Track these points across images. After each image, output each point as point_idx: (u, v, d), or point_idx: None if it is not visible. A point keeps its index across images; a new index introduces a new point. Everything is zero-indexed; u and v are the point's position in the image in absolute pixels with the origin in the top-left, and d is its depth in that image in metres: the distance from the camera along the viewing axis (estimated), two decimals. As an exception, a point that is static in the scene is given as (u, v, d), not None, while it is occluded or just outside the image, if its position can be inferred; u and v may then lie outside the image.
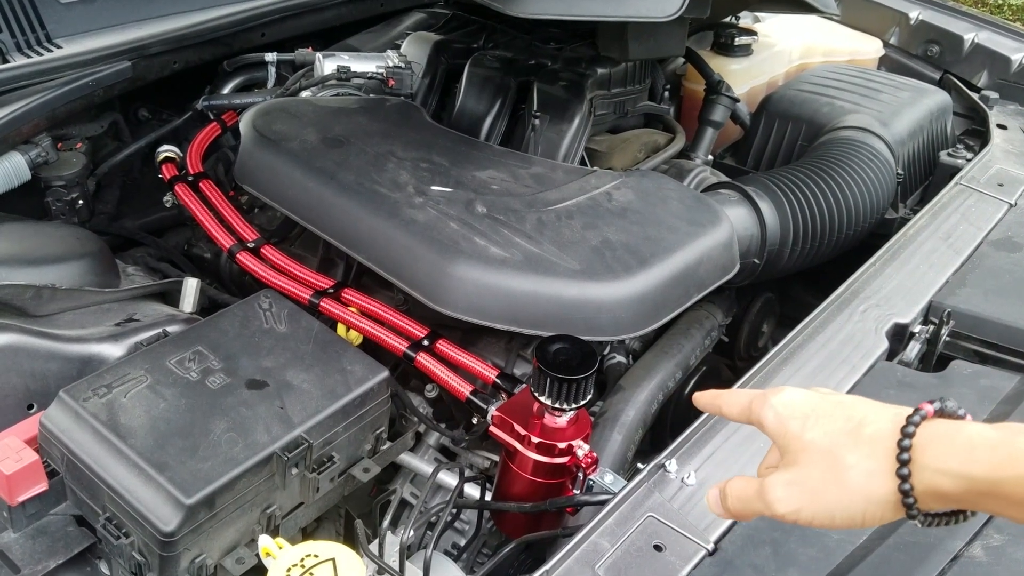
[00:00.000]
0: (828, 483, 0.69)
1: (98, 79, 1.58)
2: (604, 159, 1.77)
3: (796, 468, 0.71)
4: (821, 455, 0.70)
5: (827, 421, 0.71)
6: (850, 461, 0.68)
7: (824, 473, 0.70)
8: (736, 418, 0.81)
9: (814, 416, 0.72)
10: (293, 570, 0.84)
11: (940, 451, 0.65)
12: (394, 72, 1.71)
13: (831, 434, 0.70)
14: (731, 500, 0.77)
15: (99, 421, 1.03)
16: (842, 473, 0.69)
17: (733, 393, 0.82)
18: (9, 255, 1.30)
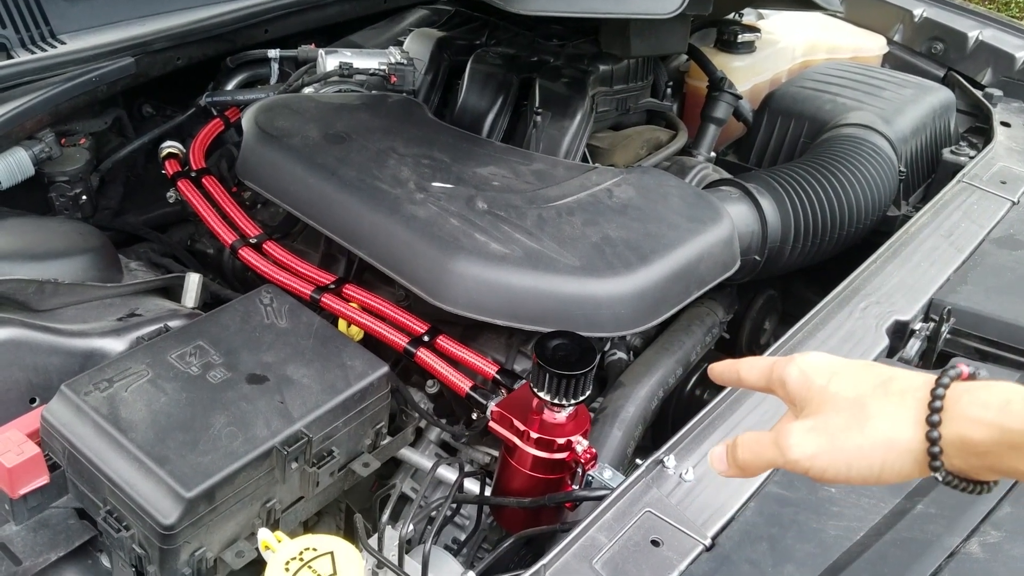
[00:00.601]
0: (850, 429, 0.67)
1: (102, 75, 1.58)
2: (606, 156, 1.77)
3: (817, 415, 0.70)
4: (846, 403, 0.69)
5: (855, 377, 0.70)
6: (875, 410, 0.67)
7: (847, 420, 0.68)
8: (755, 383, 0.78)
9: (842, 373, 0.71)
10: (292, 563, 0.84)
11: (975, 400, 0.64)
12: (396, 68, 1.72)
13: (858, 386, 0.69)
14: (741, 450, 0.75)
15: (100, 415, 1.03)
16: (866, 420, 0.67)
17: (752, 359, 0.80)
18: (12, 250, 1.30)
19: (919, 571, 0.91)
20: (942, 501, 1.00)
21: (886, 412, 0.67)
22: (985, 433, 0.63)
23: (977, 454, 0.64)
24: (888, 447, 0.66)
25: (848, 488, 1.03)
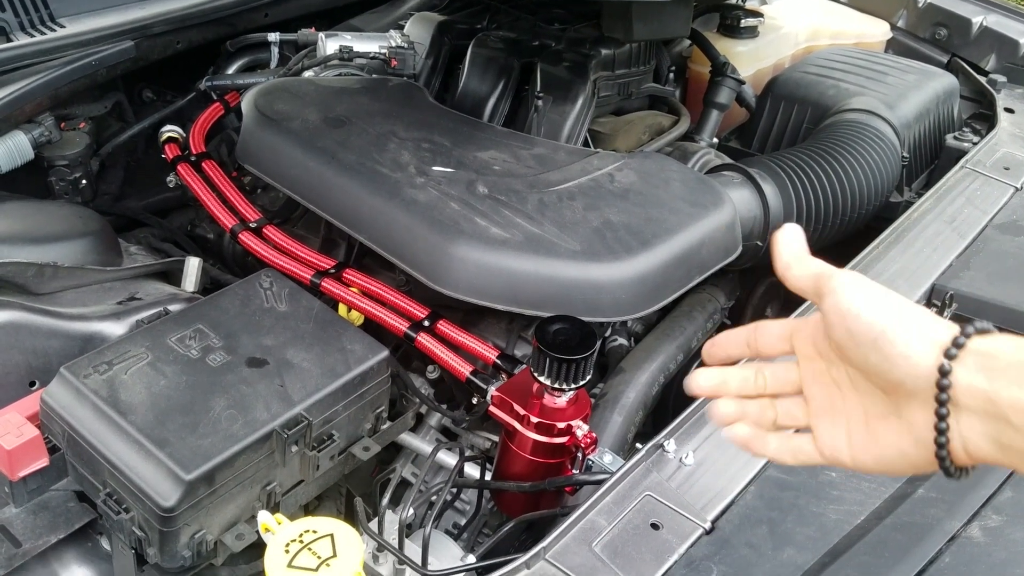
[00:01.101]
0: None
1: (101, 58, 1.58)
2: (608, 141, 1.76)
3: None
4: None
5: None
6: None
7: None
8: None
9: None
10: (292, 545, 0.84)
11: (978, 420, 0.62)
12: (397, 52, 1.71)
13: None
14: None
15: (100, 397, 1.03)
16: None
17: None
18: (11, 233, 1.30)
19: (920, 555, 0.91)
20: (943, 485, 1.00)
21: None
22: (986, 452, 0.62)
23: (992, 436, 0.62)
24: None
25: (848, 472, 1.03)
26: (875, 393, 0.68)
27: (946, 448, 0.63)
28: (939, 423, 0.62)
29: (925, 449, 0.64)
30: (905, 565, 0.91)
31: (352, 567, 0.82)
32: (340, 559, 0.83)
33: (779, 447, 0.75)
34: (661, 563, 0.92)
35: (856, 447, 0.69)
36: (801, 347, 0.73)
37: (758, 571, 0.91)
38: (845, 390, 0.70)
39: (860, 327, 0.65)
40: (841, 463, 0.71)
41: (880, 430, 0.68)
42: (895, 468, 0.68)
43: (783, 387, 0.75)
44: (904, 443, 0.66)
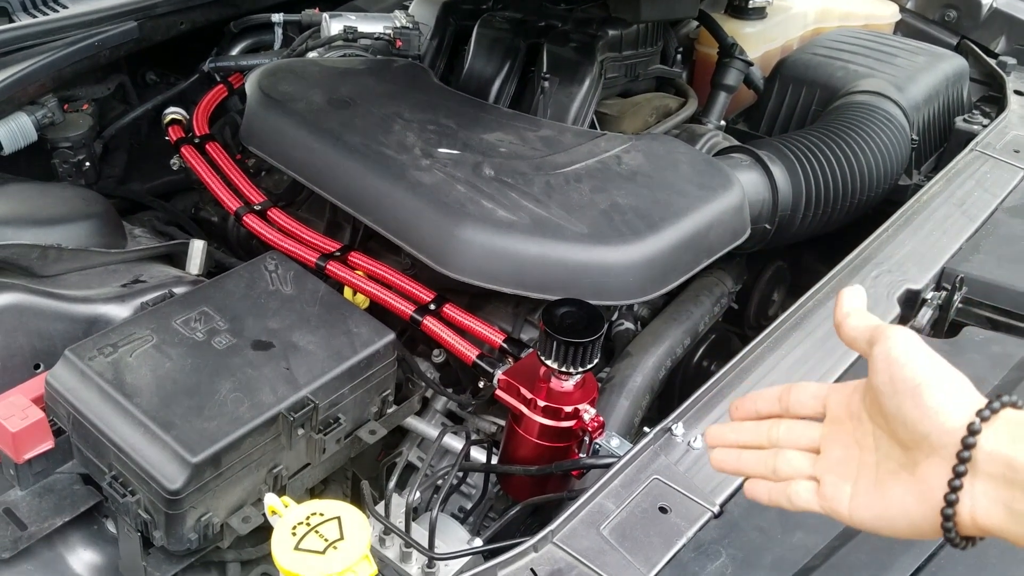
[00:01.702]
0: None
1: (104, 39, 1.57)
2: (615, 123, 1.75)
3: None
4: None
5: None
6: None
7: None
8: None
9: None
10: (299, 528, 0.84)
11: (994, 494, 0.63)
12: (401, 33, 1.69)
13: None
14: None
15: (105, 380, 1.03)
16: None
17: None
18: (15, 215, 1.29)
19: (927, 541, 0.91)
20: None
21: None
22: (994, 519, 0.63)
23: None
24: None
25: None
26: (894, 451, 0.69)
27: (954, 508, 0.64)
28: (953, 480, 0.63)
29: (931, 510, 0.65)
30: (916, 549, 0.90)
31: (360, 550, 0.82)
32: (347, 542, 0.82)
33: (778, 493, 0.77)
34: (670, 546, 0.91)
35: (857, 503, 0.71)
36: (833, 407, 0.75)
37: (767, 555, 0.91)
38: (864, 450, 0.72)
39: (904, 375, 0.67)
40: (837, 514, 0.72)
41: (889, 485, 0.69)
42: (893, 527, 0.69)
43: (796, 442, 0.77)
44: (910, 500, 0.67)
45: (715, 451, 0.83)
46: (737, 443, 0.81)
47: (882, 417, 0.69)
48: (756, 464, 0.79)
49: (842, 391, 0.75)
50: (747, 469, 0.80)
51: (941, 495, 0.64)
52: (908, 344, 0.69)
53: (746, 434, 0.81)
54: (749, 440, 0.81)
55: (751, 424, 0.81)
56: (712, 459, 0.83)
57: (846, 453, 0.73)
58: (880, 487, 0.69)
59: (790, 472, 0.77)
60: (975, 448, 0.62)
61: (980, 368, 1.16)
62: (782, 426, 0.79)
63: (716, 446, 0.83)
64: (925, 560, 0.89)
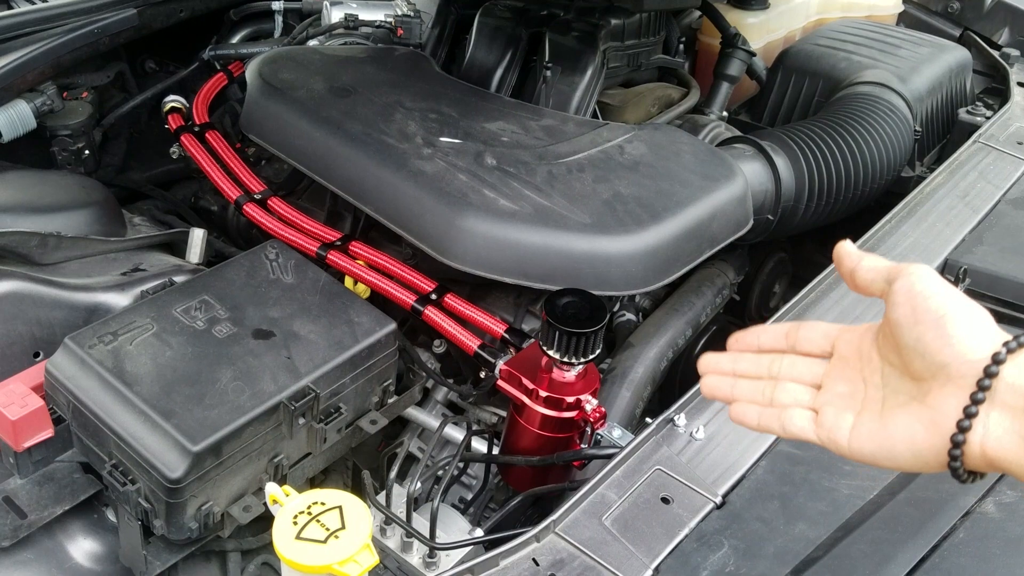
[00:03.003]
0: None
1: (104, 26, 1.56)
2: (617, 113, 1.74)
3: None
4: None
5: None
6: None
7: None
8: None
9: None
10: (300, 517, 0.83)
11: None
12: (403, 21, 1.69)
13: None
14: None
15: (105, 368, 1.02)
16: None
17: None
18: (14, 203, 1.29)
19: (934, 530, 0.90)
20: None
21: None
22: (1006, 447, 0.63)
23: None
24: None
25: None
26: (903, 384, 0.68)
27: (965, 435, 0.63)
28: (970, 407, 0.62)
29: (939, 438, 0.65)
30: (919, 540, 0.90)
31: (361, 539, 0.81)
32: (349, 531, 0.82)
33: (770, 418, 0.75)
34: (672, 537, 0.91)
35: (859, 432, 0.70)
36: (843, 347, 0.74)
37: (770, 545, 0.91)
38: (871, 387, 0.71)
39: (927, 306, 0.66)
40: (835, 444, 0.71)
41: (895, 417, 0.68)
42: (895, 457, 0.68)
43: (800, 377, 0.76)
44: (918, 429, 0.66)
45: (707, 377, 0.80)
46: (733, 372, 0.79)
47: (896, 353, 0.68)
48: (752, 392, 0.77)
49: (853, 331, 0.74)
50: (741, 397, 0.78)
51: (953, 423, 0.63)
52: (931, 278, 0.68)
53: (745, 365, 0.79)
54: (747, 371, 0.79)
55: (751, 356, 0.79)
56: (703, 385, 0.80)
57: (851, 388, 0.72)
58: (885, 418, 0.68)
59: (788, 401, 0.75)
60: (996, 378, 0.62)
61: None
62: (784, 361, 0.77)
63: (708, 373, 0.80)
64: (928, 551, 0.89)
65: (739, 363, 0.79)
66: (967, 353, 0.64)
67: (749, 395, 0.77)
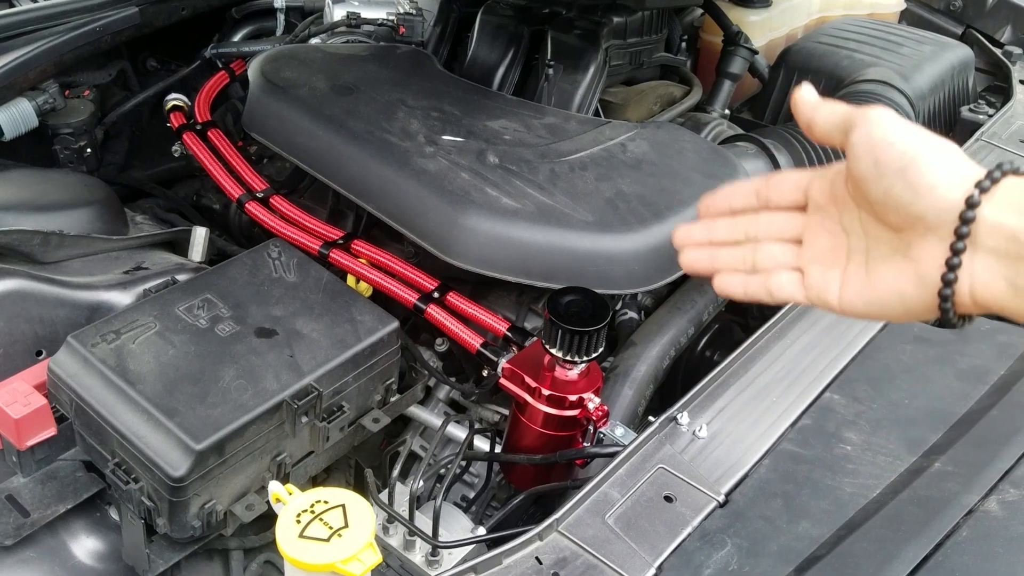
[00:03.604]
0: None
1: (105, 25, 1.56)
2: (619, 111, 1.74)
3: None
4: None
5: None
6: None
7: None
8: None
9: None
10: (303, 515, 0.83)
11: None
12: (405, 19, 1.68)
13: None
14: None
15: (108, 366, 1.02)
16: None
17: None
18: (16, 201, 1.28)
19: (937, 529, 0.90)
20: (960, 459, 0.99)
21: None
22: (995, 293, 0.60)
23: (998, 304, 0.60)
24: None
25: (864, 446, 1.02)
26: (884, 235, 0.65)
27: (952, 287, 0.60)
28: (952, 258, 0.60)
29: (927, 290, 0.62)
30: (922, 539, 0.90)
31: (364, 537, 0.81)
32: (352, 529, 0.82)
33: (756, 285, 0.72)
34: (675, 535, 0.91)
35: (848, 290, 0.67)
36: (816, 195, 0.70)
37: (773, 544, 0.91)
38: (852, 236, 0.67)
39: (889, 156, 0.62)
40: (826, 304, 0.68)
41: (881, 271, 0.65)
42: (887, 311, 0.65)
43: (778, 234, 0.72)
44: (905, 284, 0.63)
45: (685, 252, 0.76)
46: (710, 241, 0.75)
47: (869, 204, 0.65)
48: (733, 260, 0.74)
49: (824, 176, 0.70)
50: (723, 267, 0.74)
51: (938, 276, 0.61)
52: (889, 123, 0.63)
53: (720, 231, 0.75)
54: (724, 237, 0.74)
55: (725, 221, 0.75)
56: (682, 261, 0.76)
57: (832, 241, 0.69)
58: (872, 273, 0.66)
59: (772, 265, 0.72)
60: (974, 223, 0.59)
61: (986, 358, 1.16)
62: (761, 219, 0.73)
63: (685, 246, 0.77)
64: (932, 549, 0.89)
65: (714, 231, 0.75)
66: (940, 200, 0.60)
67: (730, 264, 0.74)
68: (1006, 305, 0.59)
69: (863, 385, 1.11)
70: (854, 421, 1.05)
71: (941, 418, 1.06)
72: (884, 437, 1.03)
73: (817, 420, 1.06)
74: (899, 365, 1.14)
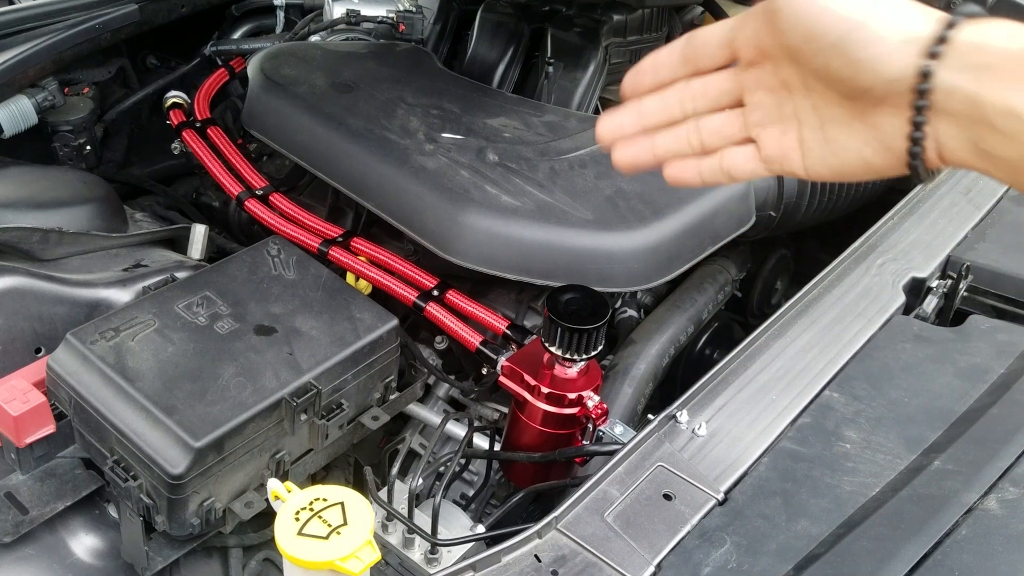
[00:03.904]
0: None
1: (105, 22, 1.55)
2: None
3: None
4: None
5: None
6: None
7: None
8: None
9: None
10: (302, 513, 0.83)
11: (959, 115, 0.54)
12: (405, 17, 1.68)
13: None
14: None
15: (107, 364, 1.02)
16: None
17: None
18: (16, 198, 1.28)
19: (936, 527, 0.90)
20: (959, 457, 0.99)
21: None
22: (962, 159, 0.55)
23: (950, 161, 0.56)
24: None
25: (863, 444, 1.02)
26: (833, 98, 0.59)
27: (920, 158, 0.56)
28: (914, 132, 0.55)
29: (893, 156, 0.58)
30: (921, 537, 0.89)
31: (363, 535, 0.81)
32: (351, 527, 0.82)
33: (711, 168, 0.65)
34: (674, 533, 0.91)
35: (811, 161, 0.61)
36: (744, 50, 0.62)
37: (772, 542, 0.90)
38: (796, 94, 0.61)
39: (821, 27, 0.56)
40: (791, 171, 0.62)
41: (841, 139, 0.60)
42: (855, 176, 0.61)
43: (717, 101, 0.64)
44: (868, 152, 0.59)
45: (618, 148, 0.67)
46: (643, 127, 0.66)
47: (809, 74, 0.59)
48: (676, 144, 0.65)
49: (747, 26, 0.61)
50: (666, 154, 0.65)
51: (902, 144, 0.56)
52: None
53: (652, 112, 0.66)
54: (658, 118, 0.65)
55: (655, 99, 0.65)
56: (617, 159, 0.67)
57: (777, 100, 0.61)
58: (831, 141, 0.60)
59: (720, 140, 0.64)
60: (932, 92, 0.53)
61: (986, 357, 1.16)
62: (694, 87, 0.64)
63: (615, 140, 0.67)
64: (931, 548, 0.89)
65: (646, 114, 0.66)
66: (889, 72, 0.54)
67: (675, 149, 0.65)
68: (975, 167, 0.56)
69: (862, 383, 1.11)
70: (853, 419, 1.05)
71: (941, 416, 1.06)
72: (883, 435, 1.03)
73: (816, 418, 1.05)
74: (898, 363, 1.14)
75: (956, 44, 0.53)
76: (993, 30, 0.54)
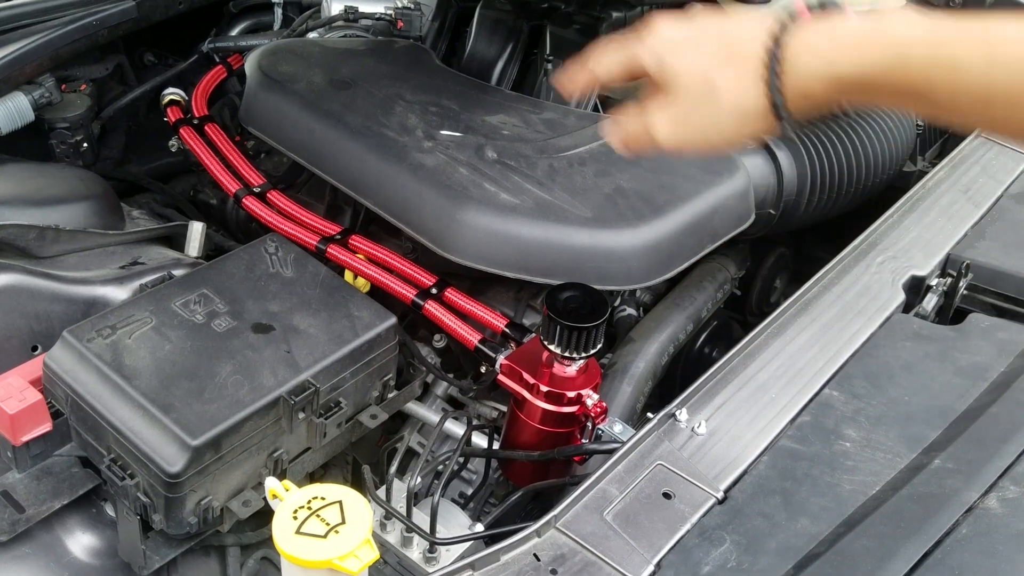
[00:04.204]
0: (701, 103, 0.72)
1: (102, 18, 1.55)
2: (618, 107, 1.73)
3: (672, 98, 0.74)
4: (694, 79, 0.72)
5: (700, 48, 0.73)
6: (721, 82, 0.71)
7: (697, 95, 0.72)
8: (616, 74, 0.79)
9: (687, 45, 0.73)
10: (300, 511, 0.83)
11: (813, 54, 0.67)
12: (403, 13, 1.68)
13: (703, 58, 0.72)
14: (627, 139, 0.80)
15: (103, 362, 1.02)
16: (713, 92, 0.71)
17: (599, 52, 0.80)
18: (12, 195, 1.28)
19: (936, 526, 0.90)
20: (959, 456, 0.99)
21: (731, 82, 0.70)
22: (823, 87, 0.67)
23: (822, 102, 0.68)
24: (738, 115, 0.71)
25: (863, 443, 1.01)
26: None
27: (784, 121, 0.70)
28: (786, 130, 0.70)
29: (764, 124, 0.72)
30: (922, 536, 0.89)
31: (361, 534, 0.81)
32: (349, 526, 0.81)
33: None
34: (674, 532, 0.91)
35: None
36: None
37: (771, 541, 0.90)
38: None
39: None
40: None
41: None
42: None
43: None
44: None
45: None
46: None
47: None
48: None
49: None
50: None
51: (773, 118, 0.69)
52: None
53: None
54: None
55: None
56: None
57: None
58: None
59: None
60: (784, 101, 0.68)
61: (986, 355, 1.16)
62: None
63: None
64: (932, 546, 0.88)
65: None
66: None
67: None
68: (842, 100, 0.69)
69: (862, 381, 1.10)
70: (853, 418, 1.05)
71: (941, 415, 1.06)
72: (883, 434, 1.03)
73: (816, 417, 1.05)
74: (898, 362, 1.14)
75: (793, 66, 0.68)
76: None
